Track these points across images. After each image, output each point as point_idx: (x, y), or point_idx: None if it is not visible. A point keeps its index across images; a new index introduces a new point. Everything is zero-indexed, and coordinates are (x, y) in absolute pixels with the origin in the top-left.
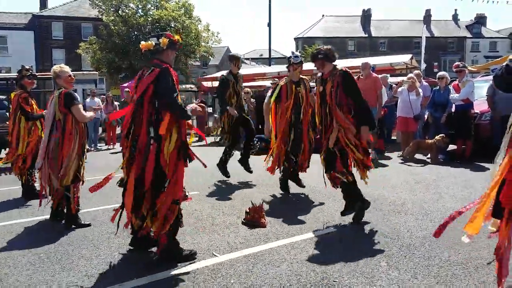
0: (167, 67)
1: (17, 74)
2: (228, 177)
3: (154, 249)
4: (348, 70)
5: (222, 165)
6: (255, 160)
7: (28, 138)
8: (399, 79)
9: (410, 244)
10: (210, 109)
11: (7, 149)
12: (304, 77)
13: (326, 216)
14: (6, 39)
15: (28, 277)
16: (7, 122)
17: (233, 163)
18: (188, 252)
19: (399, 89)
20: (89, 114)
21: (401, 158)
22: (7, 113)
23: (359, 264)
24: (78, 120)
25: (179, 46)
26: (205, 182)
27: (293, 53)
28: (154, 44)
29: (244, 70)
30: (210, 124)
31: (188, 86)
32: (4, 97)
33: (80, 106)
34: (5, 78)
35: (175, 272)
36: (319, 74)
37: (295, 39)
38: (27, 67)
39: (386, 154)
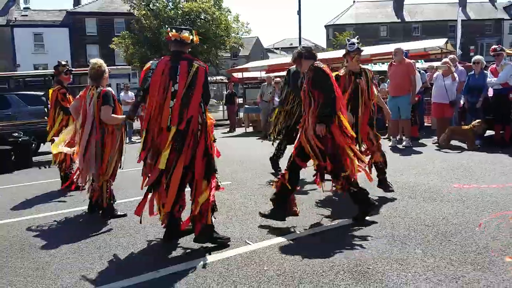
0: (206, 67)
1: (53, 70)
2: (279, 171)
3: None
4: (320, 65)
5: (275, 161)
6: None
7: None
8: (432, 64)
9: (446, 231)
10: (240, 100)
11: (45, 143)
12: (366, 67)
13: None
14: (42, 37)
15: (68, 265)
16: (46, 118)
17: (265, 152)
18: (221, 236)
19: (434, 75)
20: (120, 117)
21: (436, 145)
22: (45, 109)
23: (393, 251)
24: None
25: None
26: (235, 171)
27: (348, 40)
28: (191, 38)
29: (274, 60)
30: (241, 115)
31: (218, 77)
32: (42, 93)
33: (110, 109)
34: (43, 75)
35: (209, 259)
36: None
37: (325, 26)
38: (63, 62)
39: (421, 141)
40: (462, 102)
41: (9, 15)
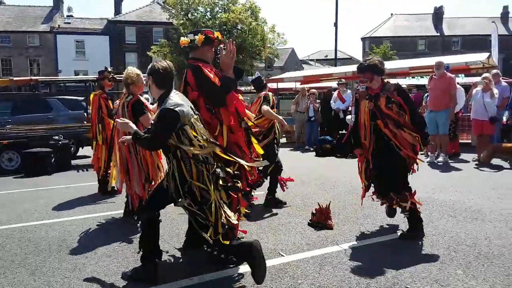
0: (198, 66)
1: (98, 74)
2: None
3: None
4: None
5: None
6: (319, 161)
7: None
8: (474, 79)
9: (489, 252)
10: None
11: (83, 147)
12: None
13: (396, 220)
14: (83, 44)
15: (104, 268)
16: (85, 122)
17: (298, 163)
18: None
19: (474, 91)
20: None
21: (477, 162)
22: (85, 114)
23: (432, 271)
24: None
25: (219, 42)
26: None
27: None
28: (190, 40)
29: (309, 71)
30: None
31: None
32: (82, 98)
33: (148, 115)
34: (84, 80)
35: (243, 269)
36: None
37: (362, 39)
38: (110, 69)
39: (461, 157)
40: (505, 118)
41: (52, 22)
